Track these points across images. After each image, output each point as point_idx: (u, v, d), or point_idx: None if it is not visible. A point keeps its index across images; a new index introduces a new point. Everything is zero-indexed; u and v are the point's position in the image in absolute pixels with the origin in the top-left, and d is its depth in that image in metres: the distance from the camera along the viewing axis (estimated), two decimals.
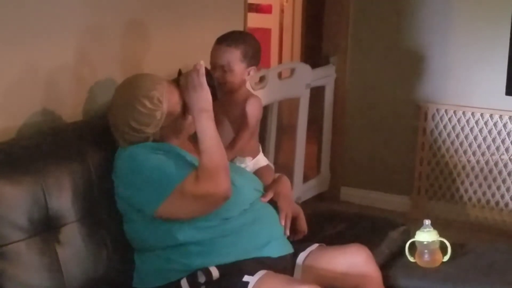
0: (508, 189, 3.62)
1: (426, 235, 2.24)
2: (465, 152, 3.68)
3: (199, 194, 1.87)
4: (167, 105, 1.97)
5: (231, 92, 2.17)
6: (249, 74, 2.18)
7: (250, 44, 2.17)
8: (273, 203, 2.14)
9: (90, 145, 2.03)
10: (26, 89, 2.06)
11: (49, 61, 2.12)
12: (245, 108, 2.16)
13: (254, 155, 2.23)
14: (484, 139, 3.63)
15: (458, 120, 3.67)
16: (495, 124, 3.60)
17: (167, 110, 1.97)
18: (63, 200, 1.90)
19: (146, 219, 1.93)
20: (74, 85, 2.22)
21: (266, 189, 2.16)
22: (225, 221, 1.96)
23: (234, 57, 2.13)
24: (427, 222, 2.26)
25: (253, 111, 2.17)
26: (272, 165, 2.30)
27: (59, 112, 2.16)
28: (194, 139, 2.12)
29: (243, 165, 2.18)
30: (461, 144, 3.68)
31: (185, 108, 1.99)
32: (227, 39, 2.15)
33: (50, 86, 2.13)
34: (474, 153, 3.66)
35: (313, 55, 4.55)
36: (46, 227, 1.87)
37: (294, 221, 2.17)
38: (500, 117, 3.58)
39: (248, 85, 2.58)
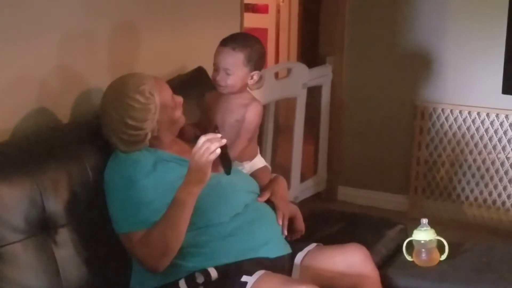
0: (505, 188, 3.63)
1: (424, 234, 2.24)
2: (462, 151, 3.68)
3: (134, 253, 1.90)
4: (159, 97, 1.97)
5: (232, 95, 2.15)
6: (252, 78, 2.16)
7: (255, 48, 2.13)
8: (270, 203, 2.14)
9: (87, 145, 2.02)
10: (20, 91, 2.05)
11: (43, 63, 2.11)
12: (245, 114, 2.14)
13: (252, 158, 2.22)
14: (481, 138, 3.63)
15: (455, 119, 3.67)
16: (491, 123, 3.60)
17: (160, 102, 1.97)
18: (60, 201, 1.90)
19: None
20: (69, 86, 2.21)
21: (263, 189, 2.16)
22: (217, 225, 1.96)
23: (238, 61, 2.10)
24: (424, 221, 2.26)
25: (252, 118, 2.14)
26: (269, 166, 2.30)
27: (53, 113, 2.15)
28: (184, 137, 2.12)
29: (239, 167, 2.17)
30: (458, 143, 3.68)
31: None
32: (232, 42, 2.11)
33: (44, 88, 2.13)
34: (471, 152, 3.66)
35: (309, 55, 4.55)
36: (43, 228, 1.86)
37: (291, 221, 2.17)
38: (497, 115, 3.59)
39: None
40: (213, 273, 1.90)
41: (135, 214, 1.89)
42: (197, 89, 2.40)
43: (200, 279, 1.89)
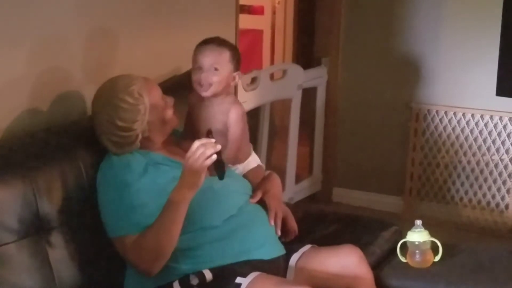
0: (498, 189, 3.64)
1: (418, 236, 2.24)
2: (456, 152, 3.69)
3: (127, 256, 1.90)
4: (149, 97, 1.97)
5: (214, 99, 2.11)
6: (234, 79, 2.14)
7: (235, 48, 2.15)
8: (263, 203, 2.13)
9: (81, 146, 2.02)
10: (12, 92, 2.05)
11: (36, 65, 2.11)
12: (226, 121, 2.09)
13: (245, 158, 2.21)
14: (475, 139, 3.64)
15: (449, 121, 3.68)
16: (485, 125, 3.62)
17: (149, 102, 1.97)
18: (54, 202, 1.90)
19: None
20: (62, 87, 2.20)
21: (255, 189, 2.15)
22: (211, 228, 1.96)
23: (224, 57, 2.09)
24: (419, 222, 2.27)
25: (236, 122, 2.10)
26: (263, 165, 2.29)
27: (47, 115, 2.15)
28: (175, 139, 2.11)
29: (233, 168, 2.17)
30: (452, 144, 3.69)
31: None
32: (214, 41, 2.11)
33: (37, 89, 2.12)
34: (465, 154, 3.67)
35: (305, 56, 4.55)
36: (37, 229, 1.86)
37: (283, 221, 2.15)
38: (491, 117, 3.60)
39: (240, 87, 2.55)
40: (208, 275, 1.90)
41: (127, 217, 1.89)
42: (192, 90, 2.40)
43: (194, 281, 1.89)
